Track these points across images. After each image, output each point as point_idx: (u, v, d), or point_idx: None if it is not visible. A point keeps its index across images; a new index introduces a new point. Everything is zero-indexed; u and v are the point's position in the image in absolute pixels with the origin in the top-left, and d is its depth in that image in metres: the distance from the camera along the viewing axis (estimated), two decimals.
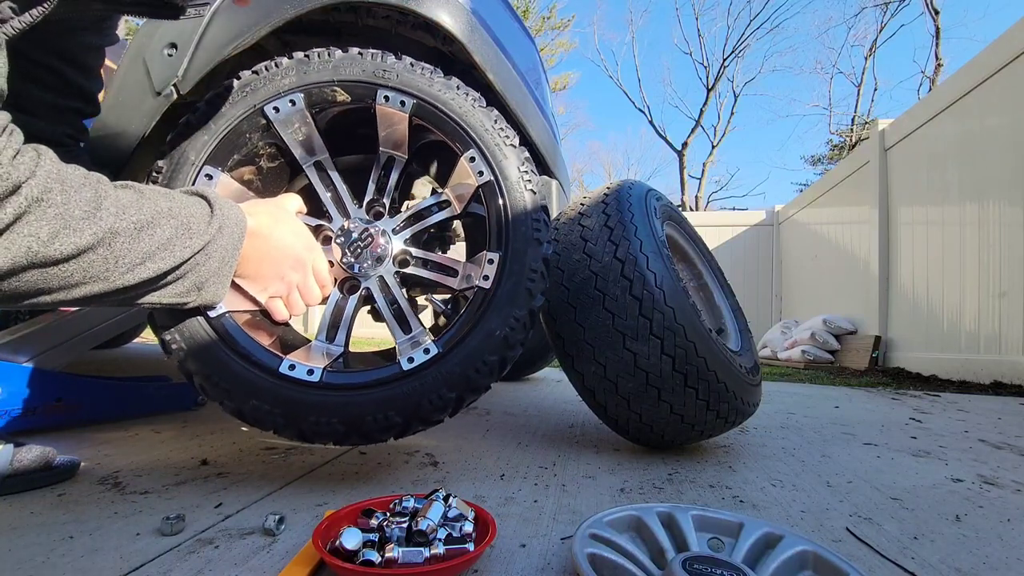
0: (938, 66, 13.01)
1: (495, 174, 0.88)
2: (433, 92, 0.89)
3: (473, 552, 0.58)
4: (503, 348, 0.82)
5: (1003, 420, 1.77)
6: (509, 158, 0.89)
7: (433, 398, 0.81)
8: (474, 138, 0.89)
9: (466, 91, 0.91)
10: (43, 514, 0.74)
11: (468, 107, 0.90)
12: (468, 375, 0.81)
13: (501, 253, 0.86)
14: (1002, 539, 0.74)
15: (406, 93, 0.89)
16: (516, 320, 0.83)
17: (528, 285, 0.85)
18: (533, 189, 0.89)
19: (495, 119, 0.91)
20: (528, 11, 13.94)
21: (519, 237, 0.86)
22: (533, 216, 0.87)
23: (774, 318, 6.89)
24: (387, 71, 0.89)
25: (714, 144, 18.04)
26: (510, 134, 0.91)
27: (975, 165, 3.38)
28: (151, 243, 0.57)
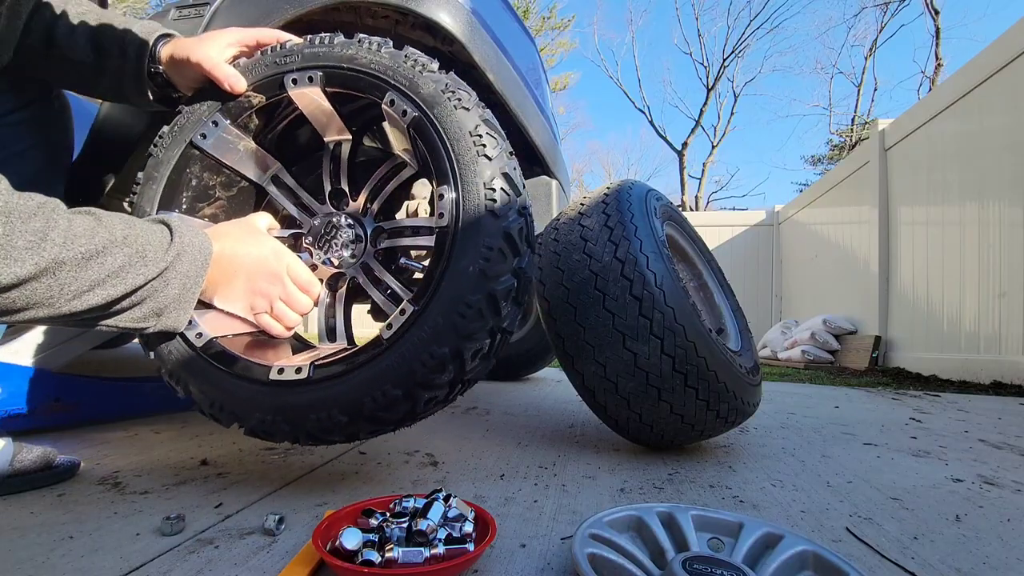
0: (938, 66, 13.01)
1: (418, 106, 0.80)
2: (336, 55, 0.84)
3: (473, 552, 0.58)
4: (483, 281, 0.74)
5: (1003, 420, 1.77)
6: (428, 84, 0.81)
7: (424, 359, 0.74)
8: (387, 80, 0.82)
9: (369, 40, 0.85)
10: (43, 514, 0.74)
11: (373, 54, 0.84)
12: (454, 323, 0.74)
13: (449, 184, 0.78)
14: (1002, 539, 0.74)
15: (311, 68, 0.85)
16: (488, 248, 0.75)
17: (489, 206, 0.76)
18: (465, 105, 0.80)
19: (406, 55, 0.83)
20: (528, 11, 13.94)
21: (464, 158, 0.79)
22: (475, 132, 0.79)
23: (774, 318, 6.89)
24: (288, 56, 0.86)
25: (714, 144, 18.05)
26: (424, 62, 0.83)
27: (975, 165, 3.38)
28: (100, 271, 0.58)
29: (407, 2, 1.01)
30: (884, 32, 15.47)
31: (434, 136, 0.80)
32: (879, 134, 4.50)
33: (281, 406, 0.76)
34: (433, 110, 0.80)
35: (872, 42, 15.81)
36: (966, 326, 3.45)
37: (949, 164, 3.65)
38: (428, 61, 0.84)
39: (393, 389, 0.74)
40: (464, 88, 0.84)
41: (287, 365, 0.77)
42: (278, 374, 0.76)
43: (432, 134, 0.80)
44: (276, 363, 0.78)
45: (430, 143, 0.80)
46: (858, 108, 16.17)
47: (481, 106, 0.84)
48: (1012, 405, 2.16)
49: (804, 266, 6.35)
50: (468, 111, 0.81)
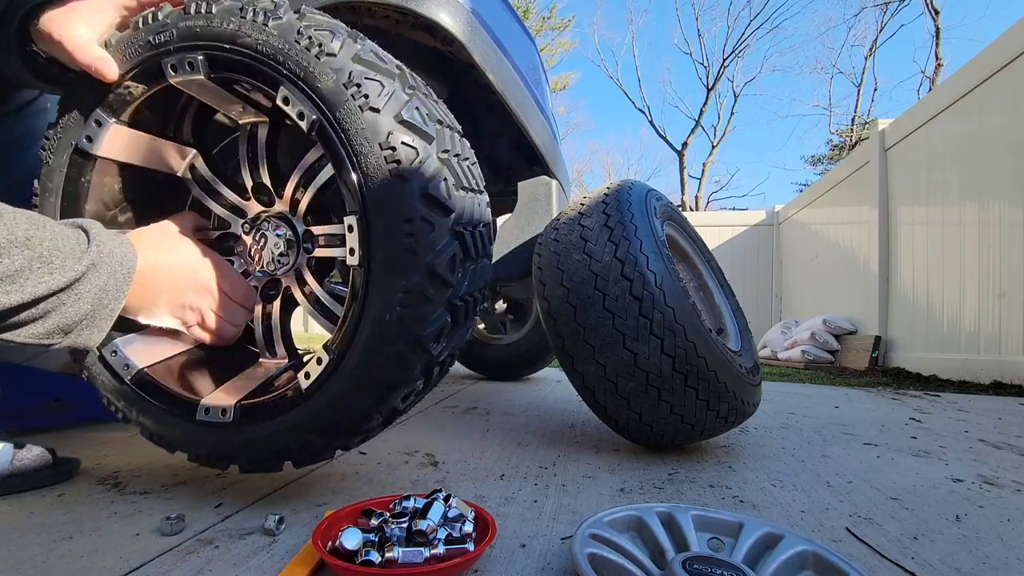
0: (938, 66, 13.01)
1: (318, 106, 0.64)
2: (215, 31, 0.66)
3: (473, 552, 0.58)
4: (403, 329, 0.63)
5: (1003, 420, 1.77)
6: (327, 75, 0.63)
7: (346, 410, 0.67)
8: (278, 68, 0.65)
9: (255, 7, 0.66)
10: (43, 514, 0.74)
11: (258, 29, 0.65)
12: (374, 375, 0.65)
13: (358, 214, 0.64)
14: (1002, 539, 0.74)
15: (189, 49, 0.68)
16: (407, 293, 0.63)
17: (407, 243, 0.62)
18: (375, 106, 0.63)
19: (300, 30, 0.65)
20: (528, 11, 13.94)
21: (373, 183, 0.62)
22: (386, 145, 0.62)
23: (774, 318, 6.89)
24: (161, 32, 0.69)
25: (714, 144, 18.05)
26: (323, 40, 0.64)
27: (975, 165, 3.38)
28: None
29: (407, 2, 1.01)
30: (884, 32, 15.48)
31: (339, 149, 0.64)
32: (879, 134, 4.50)
33: (212, 443, 0.72)
34: (335, 112, 0.63)
35: (872, 42, 15.82)
36: (966, 326, 3.44)
37: (949, 164, 3.65)
38: (329, 36, 0.65)
39: (317, 438, 0.69)
40: (377, 72, 0.65)
41: (212, 405, 0.71)
42: (204, 414, 0.71)
43: (336, 146, 0.64)
44: (203, 401, 0.72)
45: (335, 158, 0.65)
46: (858, 108, 16.18)
47: (405, 95, 0.66)
48: (1012, 405, 2.16)
49: (804, 266, 6.35)
50: (379, 112, 0.63)
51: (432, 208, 0.64)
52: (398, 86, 0.66)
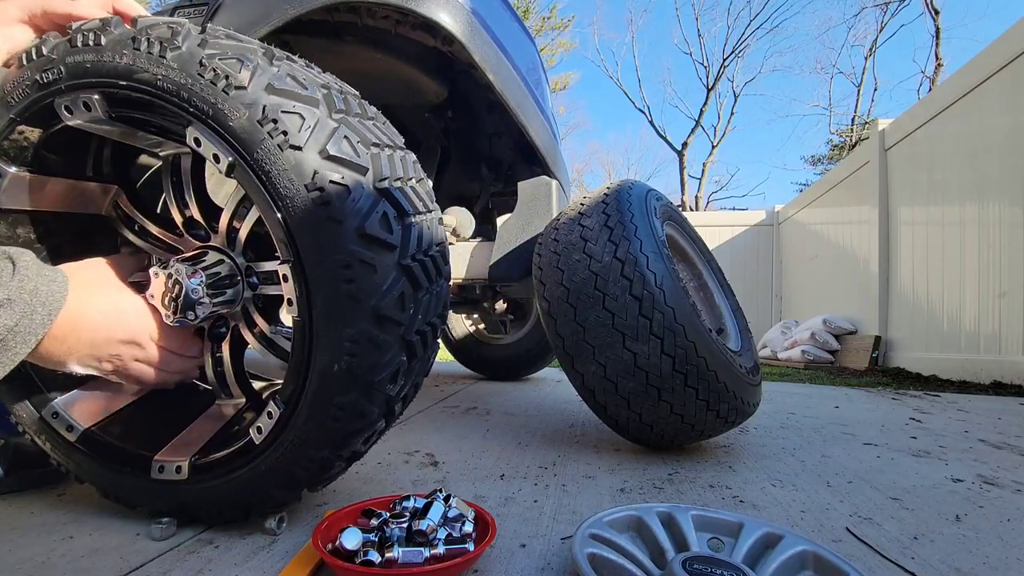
0: (938, 66, 13.00)
1: (233, 148, 0.57)
2: (107, 67, 0.59)
3: (473, 552, 0.58)
4: (353, 381, 0.60)
5: (1003, 420, 1.77)
6: (239, 111, 0.56)
7: (304, 463, 0.63)
8: (184, 106, 0.58)
9: (149, 37, 0.58)
10: (43, 514, 0.74)
11: (155, 62, 0.58)
12: (328, 427, 0.61)
13: (291, 262, 0.59)
14: (1002, 539, 0.74)
15: (81, 88, 0.60)
16: (354, 342, 0.58)
17: (346, 289, 0.57)
18: (296, 144, 0.56)
19: (203, 60, 0.57)
20: (528, 11, 13.94)
21: (304, 228, 0.57)
22: (313, 186, 0.56)
23: (774, 318, 6.89)
24: (49, 69, 0.60)
25: (714, 144, 18.04)
26: (230, 72, 0.57)
27: (975, 165, 3.38)
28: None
29: (407, 2, 1.01)
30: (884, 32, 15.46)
31: (262, 193, 0.57)
32: (879, 134, 4.50)
33: (171, 499, 0.69)
34: (252, 153, 0.57)
35: (872, 42, 15.81)
36: (966, 326, 3.44)
37: (949, 164, 3.65)
38: (236, 66, 0.57)
39: (278, 491, 0.65)
40: (296, 102, 0.58)
41: (166, 462, 0.67)
42: (159, 472, 0.67)
43: (259, 190, 0.58)
44: (156, 458, 0.68)
45: (260, 202, 0.58)
46: (858, 108, 16.17)
47: (331, 123, 0.59)
48: (1012, 405, 2.16)
49: (804, 266, 6.35)
50: (301, 150, 0.56)
51: (371, 248, 0.58)
52: (322, 114, 0.59)
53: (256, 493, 0.66)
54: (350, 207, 0.57)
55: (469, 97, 1.43)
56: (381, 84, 1.27)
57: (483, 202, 1.81)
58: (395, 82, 1.28)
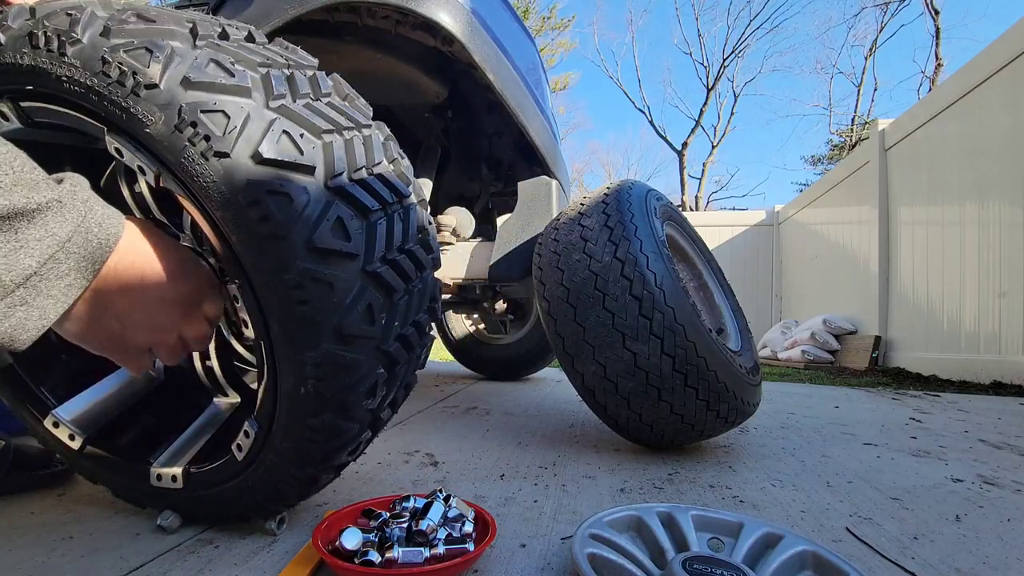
0: (938, 66, 13.00)
1: (155, 157, 0.50)
2: (12, 67, 0.51)
3: (473, 552, 0.58)
4: (328, 403, 0.55)
5: (1003, 420, 1.77)
6: (153, 114, 0.48)
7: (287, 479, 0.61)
8: (95, 112, 0.50)
9: (46, 31, 0.49)
10: (43, 514, 0.74)
11: (57, 61, 0.49)
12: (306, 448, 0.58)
13: (239, 282, 0.53)
14: (1002, 539, 0.74)
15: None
16: (317, 365, 0.53)
17: (301, 311, 0.51)
18: (221, 150, 0.48)
19: (105, 56, 0.48)
20: (528, 11, 13.94)
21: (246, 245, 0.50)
22: (248, 198, 0.48)
23: (774, 318, 6.89)
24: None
25: (714, 144, 18.04)
26: (138, 68, 0.48)
27: (975, 165, 3.38)
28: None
29: (407, 2, 1.01)
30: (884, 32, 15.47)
31: (194, 208, 0.51)
32: (879, 134, 4.50)
33: (174, 503, 0.69)
34: (178, 162, 0.49)
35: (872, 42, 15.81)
36: (966, 326, 3.44)
37: (949, 164, 3.65)
38: (144, 58, 0.48)
39: (268, 503, 0.64)
40: (220, 94, 0.49)
41: (163, 472, 0.66)
42: (157, 480, 0.67)
43: (192, 203, 0.51)
44: (153, 467, 0.67)
45: (197, 216, 0.52)
46: (858, 108, 16.17)
47: (267, 114, 0.51)
48: (1012, 405, 2.16)
49: (804, 266, 6.35)
50: (228, 157, 0.48)
51: (325, 261, 0.51)
52: (255, 105, 0.50)
53: (248, 504, 0.65)
54: (294, 218, 0.49)
55: (469, 97, 1.43)
56: (381, 84, 1.27)
57: (483, 202, 1.81)
58: (395, 82, 1.28)
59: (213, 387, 0.77)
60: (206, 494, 0.66)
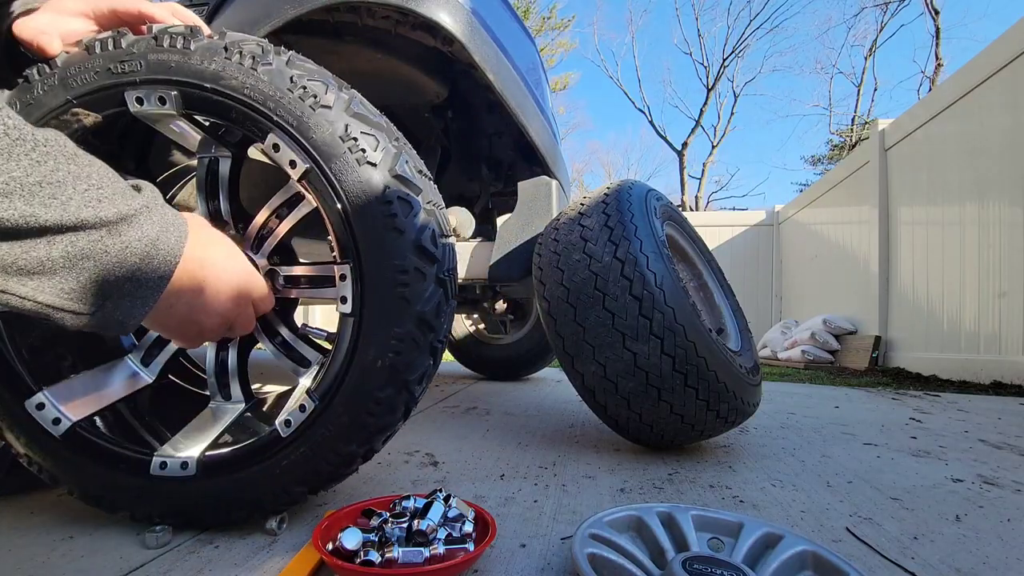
0: (938, 66, 13.00)
1: (312, 157, 0.63)
2: (193, 68, 0.63)
3: (473, 552, 0.58)
4: (393, 377, 0.65)
5: (1003, 420, 1.77)
6: (323, 126, 0.63)
7: (329, 457, 0.66)
8: (268, 114, 0.63)
9: (241, 50, 0.64)
10: (43, 514, 0.75)
11: (246, 73, 0.63)
12: (363, 422, 0.65)
13: (351, 263, 0.65)
14: (1002, 539, 0.74)
15: (161, 83, 0.63)
16: (400, 340, 0.64)
17: (401, 292, 0.64)
18: (372, 161, 0.64)
19: (293, 78, 0.64)
20: (528, 11, 13.94)
21: (369, 235, 0.64)
22: (383, 199, 0.63)
23: (774, 318, 6.89)
24: (127, 62, 0.63)
25: (714, 144, 18.05)
26: (317, 91, 0.64)
27: (975, 165, 3.38)
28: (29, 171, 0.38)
29: (407, 2, 1.01)
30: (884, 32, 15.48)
31: (333, 201, 0.64)
32: (879, 134, 4.50)
33: (167, 499, 0.67)
34: (330, 165, 0.63)
35: (872, 42, 15.81)
36: (966, 326, 3.44)
37: (949, 164, 3.65)
38: (322, 87, 0.64)
39: (295, 486, 0.66)
40: (370, 126, 0.66)
41: (170, 458, 0.66)
42: (160, 469, 0.66)
43: (330, 198, 0.64)
44: (158, 454, 0.67)
45: (328, 207, 0.64)
46: (858, 108, 16.18)
47: (393, 148, 0.67)
48: (1012, 405, 2.16)
49: (804, 266, 6.35)
50: (375, 167, 0.64)
51: (423, 258, 0.66)
52: (387, 139, 0.67)
53: (270, 489, 0.66)
54: (411, 221, 0.65)
55: (469, 97, 1.42)
56: (381, 84, 1.27)
57: (483, 202, 1.81)
58: (395, 82, 1.28)
59: (219, 390, 0.76)
60: (219, 483, 0.65)
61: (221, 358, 0.76)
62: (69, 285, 0.42)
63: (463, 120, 1.55)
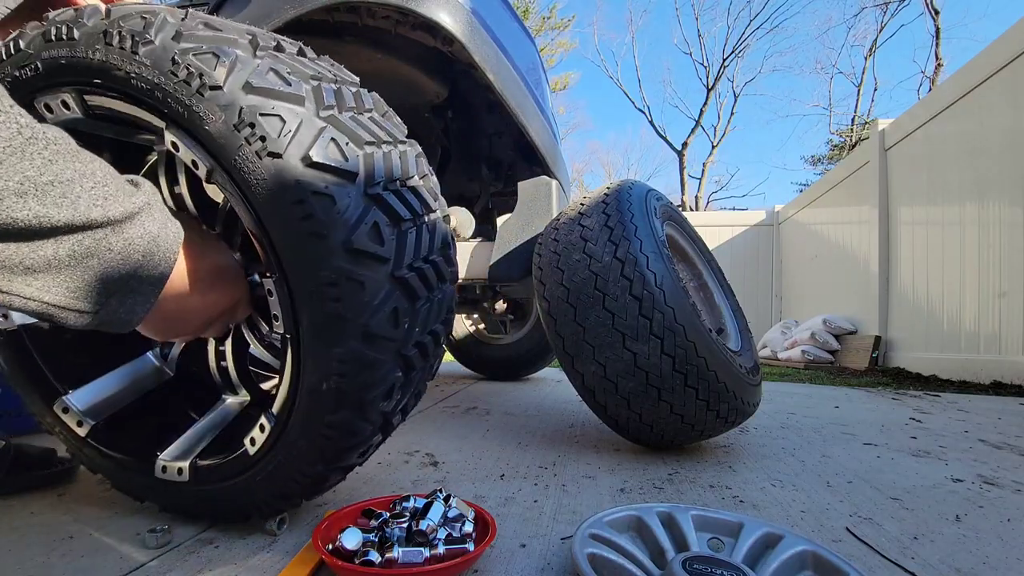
0: (938, 66, 13.00)
1: (210, 154, 0.53)
2: (82, 62, 0.54)
3: (473, 552, 0.58)
4: (344, 400, 0.57)
5: (1003, 420, 1.77)
6: (214, 113, 0.52)
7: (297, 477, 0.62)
8: (157, 108, 0.53)
9: (120, 31, 0.53)
10: (43, 514, 0.74)
11: (128, 59, 0.52)
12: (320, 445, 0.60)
13: (275, 276, 0.56)
14: (1002, 539, 0.74)
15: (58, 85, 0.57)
16: (342, 362, 0.55)
17: (333, 308, 0.54)
18: (275, 150, 0.51)
19: (175, 57, 0.52)
20: (528, 11, 13.94)
21: (286, 242, 0.53)
22: (293, 197, 0.52)
23: (774, 318, 6.89)
24: (26, 64, 0.57)
25: (714, 144, 18.04)
26: (205, 70, 0.52)
27: (975, 165, 3.38)
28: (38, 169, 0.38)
29: (407, 2, 1.01)
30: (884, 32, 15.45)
31: (241, 203, 0.53)
32: (879, 134, 4.50)
33: (175, 498, 0.70)
34: (230, 161, 0.52)
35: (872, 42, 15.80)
36: (966, 326, 3.44)
37: (949, 164, 3.65)
38: (212, 62, 0.52)
39: (275, 500, 0.65)
40: (277, 100, 0.53)
41: (169, 464, 0.68)
42: (162, 472, 0.68)
43: (238, 200, 0.53)
44: (160, 458, 0.68)
45: (242, 212, 0.54)
46: (858, 108, 16.17)
47: (317, 122, 0.54)
48: (1012, 405, 2.16)
49: (804, 266, 6.35)
50: (280, 157, 0.51)
51: (360, 262, 0.54)
52: (307, 113, 0.54)
53: (253, 501, 0.66)
54: (335, 219, 0.52)
55: (469, 97, 1.43)
56: (381, 84, 1.27)
57: (483, 202, 1.81)
58: (395, 82, 1.28)
59: (224, 385, 0.78)
60: (210, 489, 0.67)
61: (217, 358, 0.77)
62: (75, 283, 0.42)
63: (463, 120, 1.55)
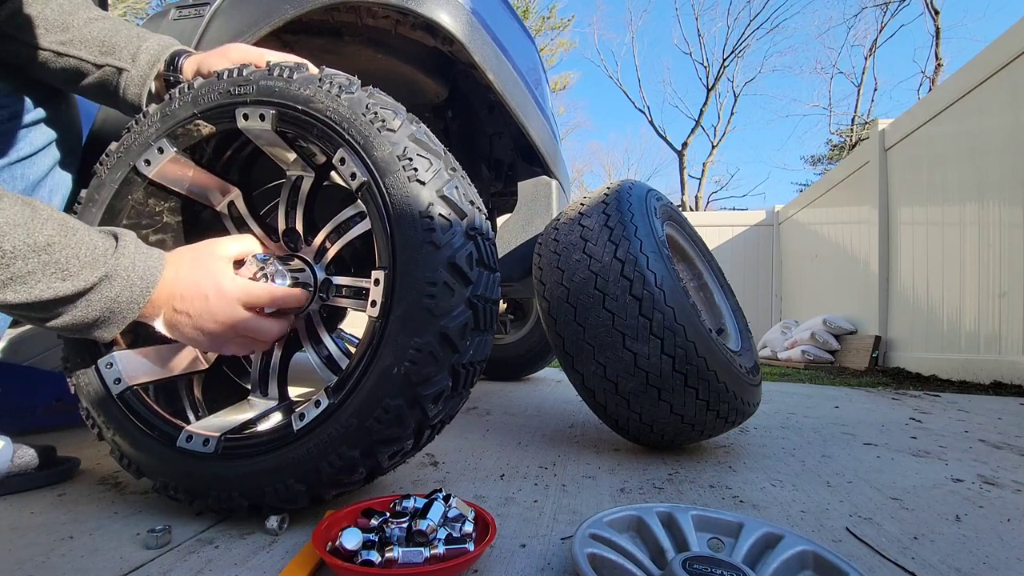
0: (938, 66, 13.01)
1: (370, 171, 0.70)
2: (291, 93, 0.73)
3: (473, 552, 0.58)
4: (407, 386, 0.66)
5: (1003, 420, 1.77)
6: (385, 146, 0.70)
7: (332, 459, 0.67)
8: (341, 133, 0.72)
9: (331, 81, 0.74)
10: (43, 514, 0.74)
11: (331, 99, 0.72)
12: (369, 427, 0.66)
13: (387, 270, 0.68)
14: (1002, 539, 0.74)
15: (264, 103, 0.75)
16: (417, 351, 0.66)
17: (426, 303, 0.66)
18: (422, 179, 0.69)
19: (368, 105, 0.72)
20: (528, 11, 13.94)
21: (407, 245, 0.68)
22: (424, 214, 0.68)
23: (774, 318, 6.89)
24: (243, 85, 0.75)
25: (714, 144, 18.05)
26: (386, 117, 0.72)
27: (975, 165, 3.38)
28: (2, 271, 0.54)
29: (407, 2, 1.01)
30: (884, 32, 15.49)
31: (380, 210, 0.69)
32: (879, 134, 4.50)
33: (185, 474, 0.72)
34: (385, 179, 0.69)
35: (872, 42, 15.82)
36: (966, 326, 3.44)
37: (949, 164, 3.65)
38: (391, 115, 0.72)
39: (296, 484, 0.68)
40: (427, 151, 0.72)
41: (196, 434, 0.72)
42: (186, 441, 0.71)
43: (378, 207, 0.70)
44: (187, 428, 0.73)
45: (374, 217, 0.70)
46: (858, 108, 16.18)
47: (447, 175, 0.73)
48: (1012, 405, 2.16)
49: (804, 266, 6.35)
50: (424, 185, 0.69)
51: (455, 276, 0.68)
52: (442, 166, 0.73)
53: (274, 482, 0.68)
54: (448, 238, 0.68)
55: (469, 97, 1.43)
56: (381, 84, 1.27)
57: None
58: (395, 82, 1.28)
59: (259, 384, 0.84)
60: (231, 466, 0.69)
61: (265, 358, 0.83)
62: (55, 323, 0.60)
63: (463, 120, 1.55)
